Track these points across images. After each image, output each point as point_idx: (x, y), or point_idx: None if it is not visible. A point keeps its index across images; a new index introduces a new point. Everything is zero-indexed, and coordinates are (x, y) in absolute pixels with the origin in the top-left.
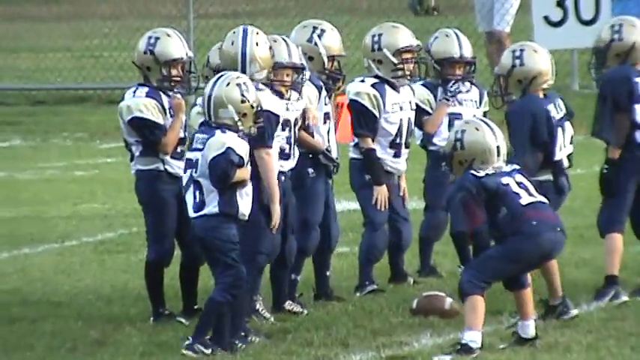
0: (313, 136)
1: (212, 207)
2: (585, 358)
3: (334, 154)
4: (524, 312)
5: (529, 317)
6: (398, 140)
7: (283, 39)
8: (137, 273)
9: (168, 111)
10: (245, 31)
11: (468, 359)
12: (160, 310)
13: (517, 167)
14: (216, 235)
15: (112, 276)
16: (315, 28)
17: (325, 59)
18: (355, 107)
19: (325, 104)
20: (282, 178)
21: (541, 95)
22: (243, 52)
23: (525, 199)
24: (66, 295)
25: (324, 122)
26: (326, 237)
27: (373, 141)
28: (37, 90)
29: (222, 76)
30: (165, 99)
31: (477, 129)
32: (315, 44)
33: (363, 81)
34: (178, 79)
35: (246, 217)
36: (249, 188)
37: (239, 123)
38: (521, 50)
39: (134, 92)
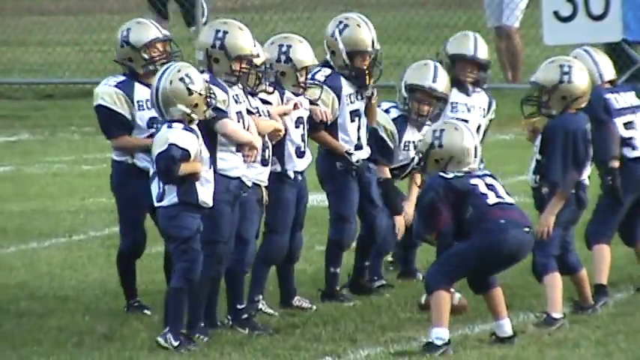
0: (337, 137)
1: (172, 197)
2: (594, 354)
3: (363, 152)
4: (497, 312)
5: (503, 317)
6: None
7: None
8: (144, 268)
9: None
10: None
11: (436, 355)
12: (130, 301)
13: (488, 172)
14: (175, 224)
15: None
16: (340, 22)
17: (344, 55)
18: (375, 135)
19: (352, 102)
20: (299, 177)
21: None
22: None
23: (492, 200)
24: (73, 290)
25: (352, 120)
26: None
27: (391, 171)
28: (46, 84)
29: (165, 70)
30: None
31: (456, 129)
32: (336, 39)
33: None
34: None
35: (209, 205)
36: (210, 175)
37: (193, 115)
38: (569, 67)
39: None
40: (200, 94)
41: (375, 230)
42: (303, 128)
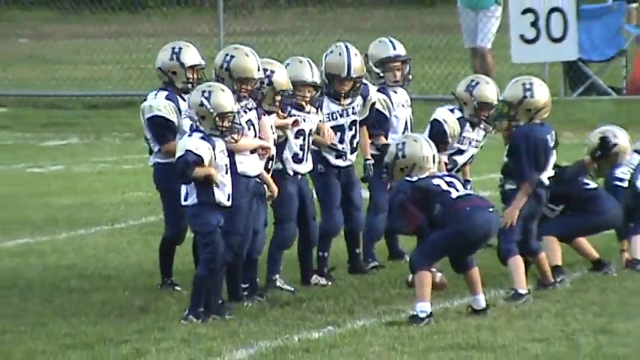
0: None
1: (193, 197)
2: (554, 324)
3: (345, 161)
4: (474, 289)
5: (478, 292)
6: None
7: (308, 60)
8: (176, 251)
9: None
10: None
11: (421, 326)
12: (165, 279)
13: (447, 174)
14: (197, 221)
15: (154, 253)
16: (330, 50)
17: (324, 77)
18: (370, 111)
19: (334, 119)
20: (299, 176)
21: (537, 122)
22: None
23: (455, 194)
24: (115, 270)
25: (334, 134)
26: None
27: (386, 137)
28: (92, 96)
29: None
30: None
31: (416, 141)
32: (322, 63)
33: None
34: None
35: (226, 204)
36: (226, 180)
37: (197, 124)
38: (531, 84)
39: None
40: (210, 112)
41: (354, 227)
42: (304, 139)
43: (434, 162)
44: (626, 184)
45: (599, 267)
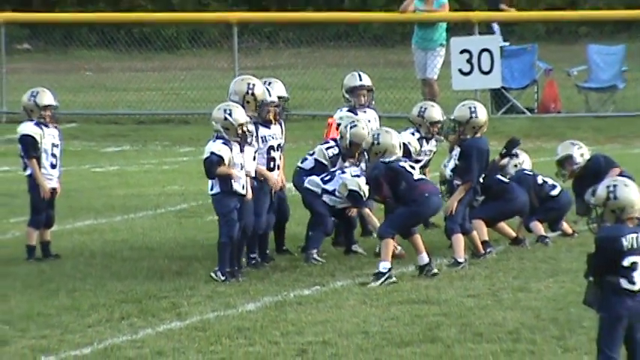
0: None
1: (217, 188)
2: (484, 284)
3: None
4: (418, 248)
5: (421, 251)
6: None
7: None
8: (202, 230)
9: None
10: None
11: (382, 279)
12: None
13: (406, 160)
14: (220, 204)
15: (186, 232)
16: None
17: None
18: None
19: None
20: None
21: (479, 136)
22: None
23: (415, 176)
24: (157, 244)
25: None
26: None
27: None
28: (140, 115)
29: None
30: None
31: (387, 132)
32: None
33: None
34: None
35: (241, 192)
36: (241, 174)
37: (224, 134)
38: (475, 107)
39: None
40: (232, 124)
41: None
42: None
43: (400, 148)
44: (531, 174)
45: (517, 242)
